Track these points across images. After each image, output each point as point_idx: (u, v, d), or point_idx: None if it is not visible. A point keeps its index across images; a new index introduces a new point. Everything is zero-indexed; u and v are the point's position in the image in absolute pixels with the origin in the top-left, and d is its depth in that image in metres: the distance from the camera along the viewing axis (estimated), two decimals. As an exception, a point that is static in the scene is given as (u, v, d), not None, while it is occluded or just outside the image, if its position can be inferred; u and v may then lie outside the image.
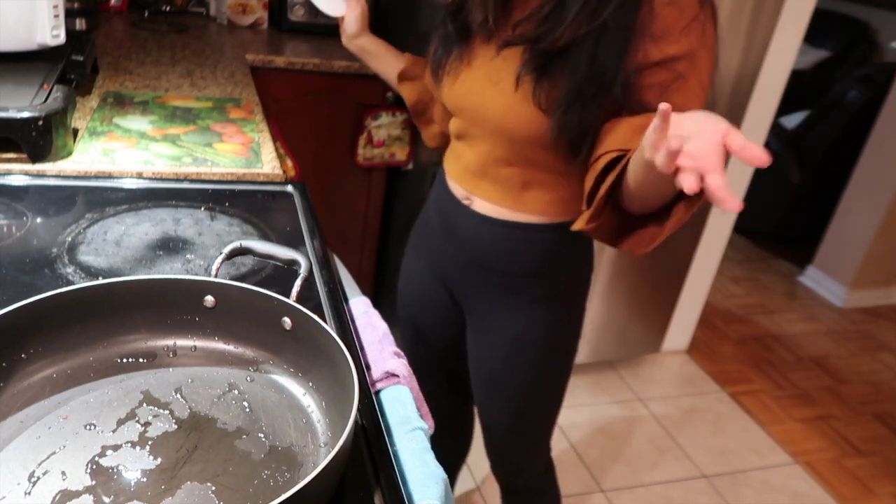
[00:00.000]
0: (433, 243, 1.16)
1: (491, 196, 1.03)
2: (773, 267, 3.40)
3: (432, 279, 1.19)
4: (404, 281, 1.28)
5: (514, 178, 1.00)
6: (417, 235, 1.24)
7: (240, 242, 0.76)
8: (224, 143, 1.23)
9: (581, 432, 2.14)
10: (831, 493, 2.05)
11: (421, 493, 0.61)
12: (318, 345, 0.63)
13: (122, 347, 0.67)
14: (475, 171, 1.04)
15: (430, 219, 1.17)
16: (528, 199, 1.01)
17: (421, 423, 0.69)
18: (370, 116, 2.04)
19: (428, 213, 1.18)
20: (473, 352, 1.18)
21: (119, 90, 1.44)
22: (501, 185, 1.02)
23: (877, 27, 3.86)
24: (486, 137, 1.00)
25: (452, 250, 1.11)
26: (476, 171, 1.03)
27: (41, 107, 1.04)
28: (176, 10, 2.33)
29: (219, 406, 0.63)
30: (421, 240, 1.21)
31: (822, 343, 2.83)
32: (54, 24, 1.18)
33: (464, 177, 1.06)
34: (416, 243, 1.24)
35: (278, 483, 0.56)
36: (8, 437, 0.57)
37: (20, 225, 0.89)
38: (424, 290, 1.22)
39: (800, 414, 2.39)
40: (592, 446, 2.09)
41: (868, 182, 2.89)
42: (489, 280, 1.08)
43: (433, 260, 1.17)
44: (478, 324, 1.15)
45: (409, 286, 1.26)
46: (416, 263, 1.23)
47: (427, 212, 1.19)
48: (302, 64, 1.96)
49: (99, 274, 0.81)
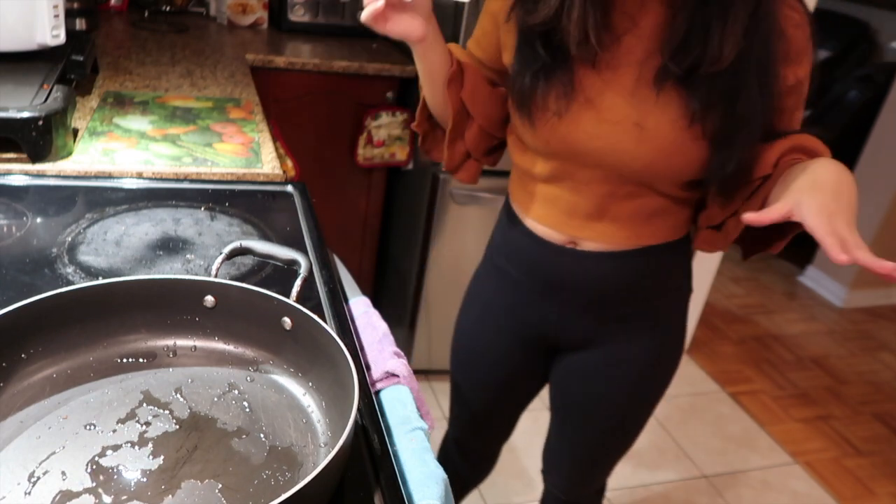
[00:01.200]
0: (518, 301, 1.05)
1: (607, 237, 0.93)
2: (773, 267, 3.40)
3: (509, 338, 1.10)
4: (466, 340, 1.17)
5: (641, 212, 0.91)
6: (483, 295, 1.12)
7: (240, 242, 0.76)
8: (224, 143, 1.23)
9: (581, 432, 2.14)
10: (831, 493, 2.05)
11: (421, 493, 0.61)
12: (318, 345, 0.63)
13: (122, 347, 0.67)
14: (587, 215, 0.93)
15: (506, 276, 1.05)
16: (651, 228, 0.93)
17: (421, 423, 0.69)
18: (370, 116, 2.04)
19: (501, 270, 1.06)
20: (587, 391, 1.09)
21: (119, 90, 1.44)
22: (622, 224, 0.92)
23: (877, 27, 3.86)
24: (604, 181, 0.89)
25: (561, 299, 1.01)
26: (589, 215, 0.93)
27: (41, 107, 1.04)
28: (176, 10, 2.33)
29: (219, 406, 0.63)
30: (491, 299, 1.10)
31: (822, 343, 2.83)
32: (54, 24, 1.18)
33: (567, 223, 0.94)
34: (482, 304, 1.12)
35: (278, 483, 0.56)
36: (8, 437, 0.57)
37: (20, 225, 0.89)
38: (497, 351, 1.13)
39: (800, 414, 2.39)
40: (592, 446, 2.09)
41: (868, 182, 2.89)
42: (614, 316, 1.00)
43: (519, 318, 1.07)
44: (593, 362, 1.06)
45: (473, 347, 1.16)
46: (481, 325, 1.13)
47: (496, 267, 1.07)
48: (302, 64, 1.96)
49: (99, 274, 0.81)
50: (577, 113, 0.85)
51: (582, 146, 0.86)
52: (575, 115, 0.85)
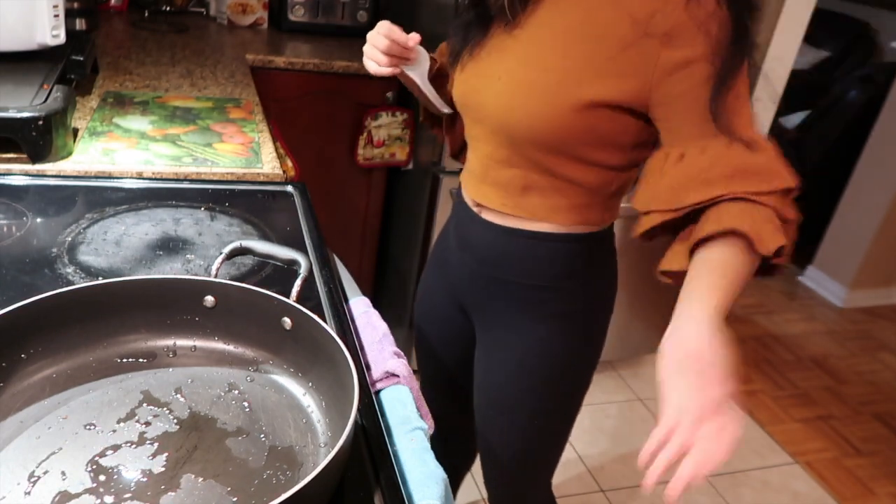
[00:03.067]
0: (449, 257, 1.11)
1: (489, 199, 0.99)
2: (773, 267, 3.40)
3: (445, 296, 1.15)
4: (420, 297, 1.23)
5: (515, 181, 0.94)
6: (436, 251, 1.19)
7: (240, 242, 0.76)
8: (224, 143, 1.23)
9: (581, 432, 2.14)
10: (831, 493, 2.05)
11: (421, 493, 0.61)
12: (318, 345, 0.63)
13: (122, 347, 0.67)
14: (476, 176, 1.00)
15: (448, 232, 1.13)
16: (530, 204, 0.95)
17: (421, 423, 0.69)
18: (370, 116, 2.04)
19: (447, 228, 1.15)
20: (479, 370, 1.11)
21: (119, 90, 1.44)
22: (500, 189, 0.97)
23: (877, 27, 3.86)
24: (487, 140, 0.96)
25: (467, 260, 1.06)
26: (477, 176, 1.00)
27: (41, 107, 1.04)
28: (176, 10, 2.33)
29: (219, 406, 0.63)
30: (439, 255, 1.17)
31: (822, 343, 2.83)
32: (54, 24, 1.18)
33: (467, 183, 1.03)
34: (434, 259, 1.20)
35: (278, 483, 0.56)
36: (8, 437, 0.57)
37: (20, 225, 0.89)
38: (437, 307, 1.18)
39: (800, 414, 2.39)
40: (592, 446, 2.09)
41: (868, 182, 2.89)
42: (502, 292, 1.02)
43: (448, 275, 1.12)
44: (487, 341, 1.08)
45: (424, 303, 1.22)
46: (431, 279, 1.19)
47: (446, 226, 1.15)
48: (302, 64, 1.96)
49: (99, 274, 0.81)
50: (470, 67, 0.95)
51: (466, 99, 0.96)
52: (469, 69, 0.95)
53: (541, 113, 0.86)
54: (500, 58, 0.91)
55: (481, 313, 1.08)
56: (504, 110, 0.90)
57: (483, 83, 0.92)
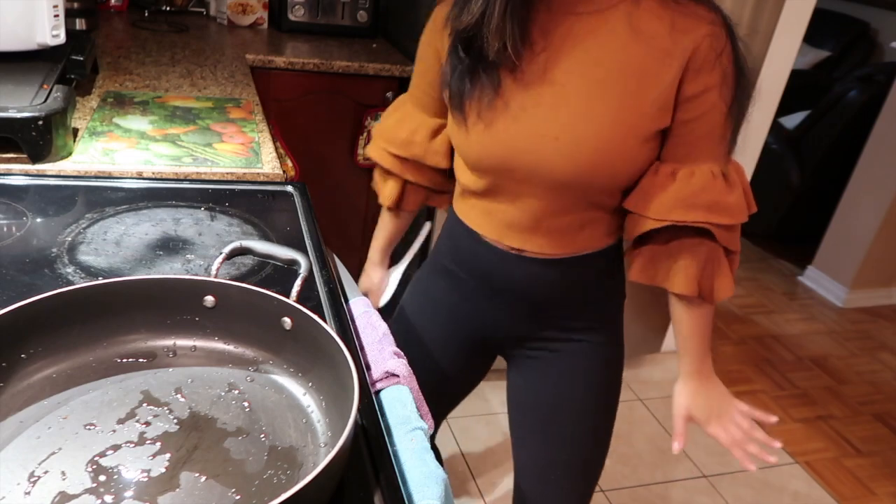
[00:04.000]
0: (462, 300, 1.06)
1: (545, 248, 0.96)
2: (773, 267, 3.40)
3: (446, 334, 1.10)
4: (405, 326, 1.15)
5: (574, 224, 0.94)
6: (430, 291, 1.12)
7: (240, 242, 0.76)
8: (224, 143, 1.23)
9: (581, 432, 2.14)
10: (831, 493, 2.05)
11: (421, 493, 0.61)
12: (318, 345, 0.63)
13: (122, 347, 0.67)
14: (524, 229, 0.95)
15: (452, 275, 1.06)
16: (585, 237, 0.96)
17: (421, 423, 0.69)
18: (370, 116, 2.04)
19: (448, 270, 1.07)
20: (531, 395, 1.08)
21: (119, 90, 1.44)
22: (558, 236, 0.95)
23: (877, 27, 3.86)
24: (536, 195, 0.91)
25: (506, 299, 1.02)
26: (526, 228, 0.95)
27: (41, 107, 1.04)
28: (176, 10, 2.33)
29: (219, 406, 0.63)
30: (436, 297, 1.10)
31: (822, 343, 2.83)
32: (54, 24, 1.18)
33: (507, 235, 0.97)
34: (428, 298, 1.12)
35: (279, 483, 0.56)
36: (8, 437, 0.57)
37: (20, 225, 0.89)
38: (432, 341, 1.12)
39: (800, 414, 2.39)
40: (592, 446, 2.09)
41: (868, 182, 2.89)
42: (550, 318, 1.02)
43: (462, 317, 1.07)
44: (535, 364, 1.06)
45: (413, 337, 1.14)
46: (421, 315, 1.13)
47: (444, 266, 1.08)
48: (302, 64, 1.96)
49: (99, 274, 0.81)
50: (503, 126, 0.87)
51: (511, 161, 0.89)
52: (502, 128, 0.87)
53: (623, 167, 0.88)
54: (541, 113, 0.86)
55: (523, 342, 1.06)
56: (579, 171, 0.87)
57: (534, 143, 0.86)
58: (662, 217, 0.89)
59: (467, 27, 0.84)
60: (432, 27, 0.97)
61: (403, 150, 1.05)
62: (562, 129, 0.85)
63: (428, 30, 0.98)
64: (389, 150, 1.06)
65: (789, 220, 3.35)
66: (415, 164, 1.06)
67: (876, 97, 2.92)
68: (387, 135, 1.07)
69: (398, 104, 1.09)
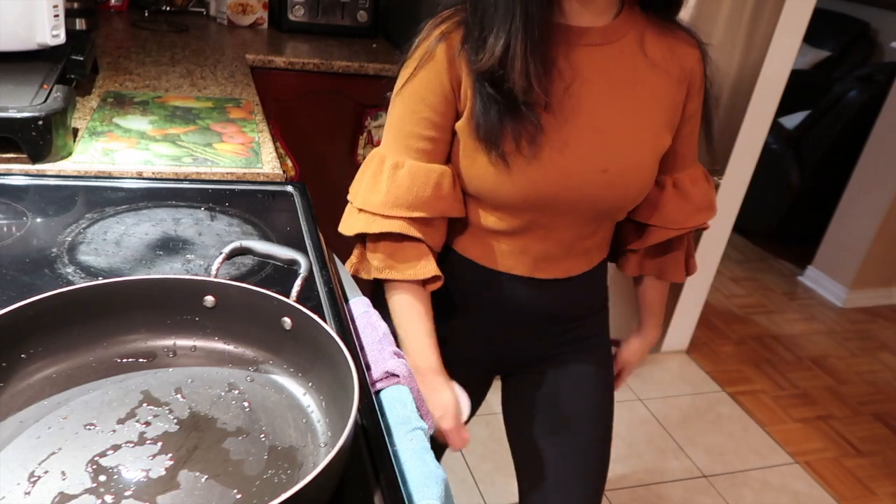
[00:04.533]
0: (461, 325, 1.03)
1: (570, 270, 0.99)
2: (773, 267, 3.40)
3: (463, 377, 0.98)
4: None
5: (598, 242, 1.01)
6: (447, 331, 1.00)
7: (240, 242, 0.76)
8: (224, 143, 1.23)
9: (581, 432, 2.14)
10: (831, 493, 2.05)
11: (421, 493, 0.61)
12: (318, 345, 0.63)
13: (122, 347, 0.67)
14: (553, 258, 0.96)
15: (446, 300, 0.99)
16: (599, 250, 1.03)
17: (421, 423, 0.69)
18: (370, 116, 2.04)
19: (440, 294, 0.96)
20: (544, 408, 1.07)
21: (119, 90, 1.44)
22: (584, 257, 1.00)
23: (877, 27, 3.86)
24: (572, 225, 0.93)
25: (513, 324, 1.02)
26: (555, 257, 0.96)
27: (41, 107, 1.04)
28: (176, 10, 2.33)
29: (219, 406, 0.63)
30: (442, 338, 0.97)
31: (822, 343, 2.84)
32: (54, 24, 1.18)
33: (533, 268, 0.96)
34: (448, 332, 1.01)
35: (279, 483, 0.56)
36: (8, 437, 0.57)
37: (20, 225, 0.89)
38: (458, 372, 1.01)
39: (800, 414, 2.39)
40: (592, 446, 2.09)
41: (868, 182, 2.89)
42: (573, 332, 1.05)
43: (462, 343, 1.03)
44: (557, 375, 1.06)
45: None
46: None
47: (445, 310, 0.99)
48: (302, 64, 1.96)
49: (99, 274, 0.81)
50: (550, 162, 0.85)
51: (558, 196, 0.87)
52: (549, 164, 0.85)
53: (648, 188, 0.95)
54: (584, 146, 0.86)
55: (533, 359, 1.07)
56: (625, 200, 0.93)
57: (584, 177, 0.87)
58: (681, 226, 1.01)
59: (491, 69, 0.80)
60: (435, 68, 0.86)
61: (430, 210, 0.89)
62: (608, 162, 0.87)
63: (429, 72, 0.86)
64: (413, 215, 0.88)
65: (789, 220, 3.35)
66: (436, 224, 0.92)
67: (876, 97, 2.92)
68: (403, 200, 0.87)
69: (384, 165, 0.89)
